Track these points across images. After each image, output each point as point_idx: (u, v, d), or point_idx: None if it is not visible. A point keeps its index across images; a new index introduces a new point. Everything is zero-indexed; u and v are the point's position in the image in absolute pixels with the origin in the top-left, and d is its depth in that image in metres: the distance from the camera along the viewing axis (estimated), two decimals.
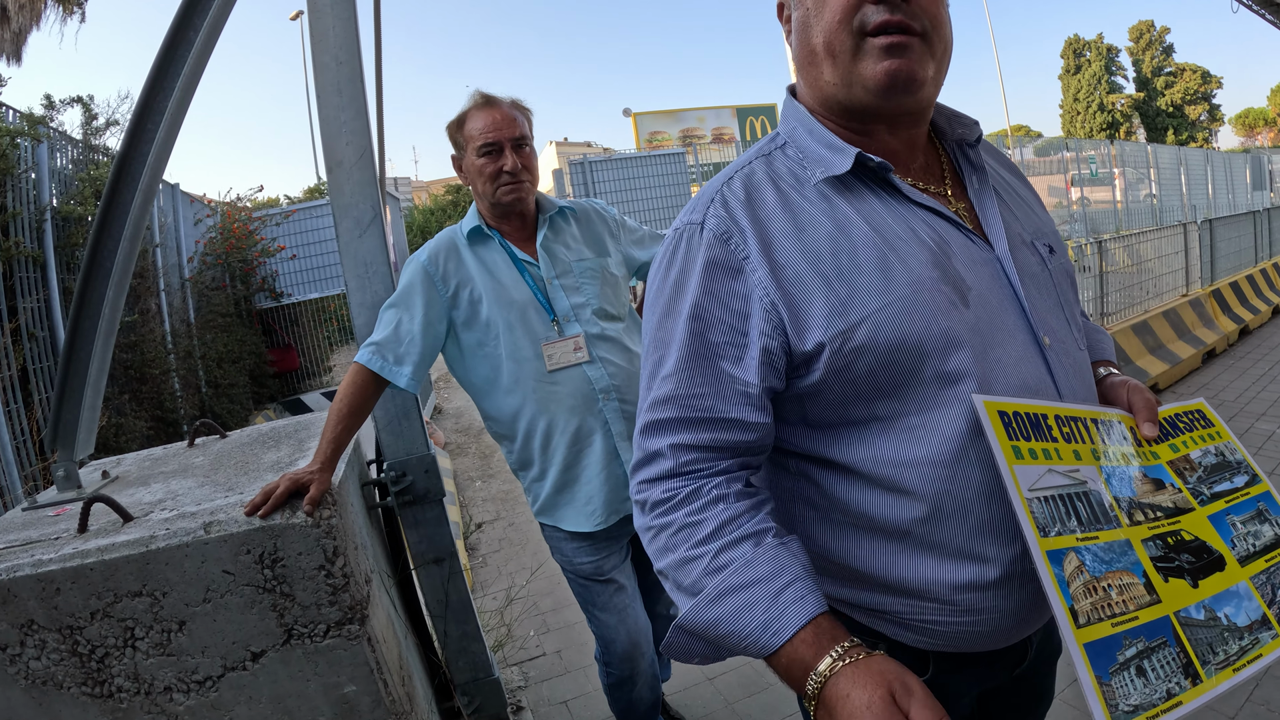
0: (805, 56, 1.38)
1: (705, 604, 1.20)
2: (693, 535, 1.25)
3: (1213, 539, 1.30)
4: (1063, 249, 1.56)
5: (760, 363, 1.28)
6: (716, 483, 1.29)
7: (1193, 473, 1.39)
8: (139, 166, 2.67)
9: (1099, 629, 1.09)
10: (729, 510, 1.26)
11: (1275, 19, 11.93)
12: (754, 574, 1.19)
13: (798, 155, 1.41)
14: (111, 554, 2.01)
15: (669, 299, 1.35)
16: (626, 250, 2.92)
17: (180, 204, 9.65)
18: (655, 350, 1.36)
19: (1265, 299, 12.37)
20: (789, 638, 1.14)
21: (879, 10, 1.25)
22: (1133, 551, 1.20)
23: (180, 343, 8.46)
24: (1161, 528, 1.27)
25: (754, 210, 1.33)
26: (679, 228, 1.39)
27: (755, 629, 1.16)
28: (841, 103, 1.36)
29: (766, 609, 1.16)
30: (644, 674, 2.92)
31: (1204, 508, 1.34)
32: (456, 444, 9.30)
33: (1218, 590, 1.23)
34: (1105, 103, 67.97)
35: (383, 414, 2.93)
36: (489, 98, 2.66)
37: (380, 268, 2.87)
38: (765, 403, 1.32)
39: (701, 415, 1.30)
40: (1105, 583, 1.14)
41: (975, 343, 1.27)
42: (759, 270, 1.28)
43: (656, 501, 1.31)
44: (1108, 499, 1.24)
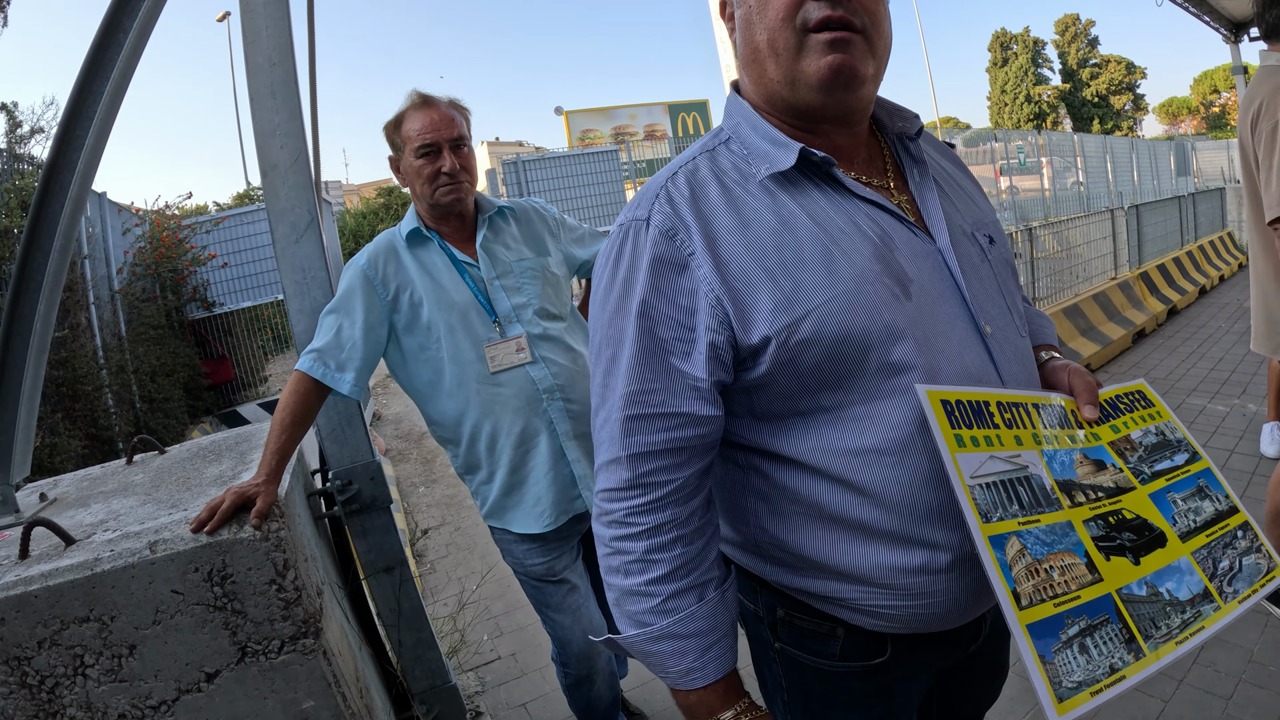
0: (749, 54, 1.39)
1: (646, 640, 1.36)
2: (648, 571, 1.35)
3: (1154, 516, 1.34)
4: (1003, 239, 1.59)
5: (708, 358, 1.29)
6: (673, 515, 1.35)
7: (1134, 452, 1.43)
8: (68, 175, 2.61)
9: (1041, 610, 1.13)
10: (684, 555, 1.36)
11: (1198, 11, 12.18)
12: (693, 628, 1.35)
13: (742, 151, 1.42)
14: (56, 579, 1.96)
15: (618, 297, 1.35)
16: (567, 249, 2.91)
17: (108, 213, 9.44)
18: (607, 348, 1.36)
19: (1192, 280, 12.68)
20: (705, 686, 1.36)
21: (820, 7, 1.26)
22: (1074, 532, 1.24)
23: (112, 357, 8.26)
24: (1103, 508, 1.30)
25: (698, 206, 1.34)
26: (624, 224, 1.39)
27: (681, 670, 1.36)
28: (786, 99, 1.37)
29: (695, 659, 1.36)
30: (601, 672, 2.91)
31: (1145, 486, 1.38)
32: (398, 450, 9.21)
33: (1159, 566, 1.27)
34: (1032, 94, 69.29)
35: (325, 422, 2.89)
36: (426, 98, 2.62)
37: (318, 273, 2.83)
38: (715, 396, 1.34)
39: (655, 411, 1.31)
40: (1047, 564, 1.17)
41: (918, 334, 1.29)
42: (704, 266, 1.28)
43: (618, 521, 1.37)
44: (1049, 482, 1.28)
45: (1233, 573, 1.33)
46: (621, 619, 1.40)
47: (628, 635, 1.38)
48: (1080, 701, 1.09)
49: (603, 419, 1.37)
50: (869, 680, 1.49)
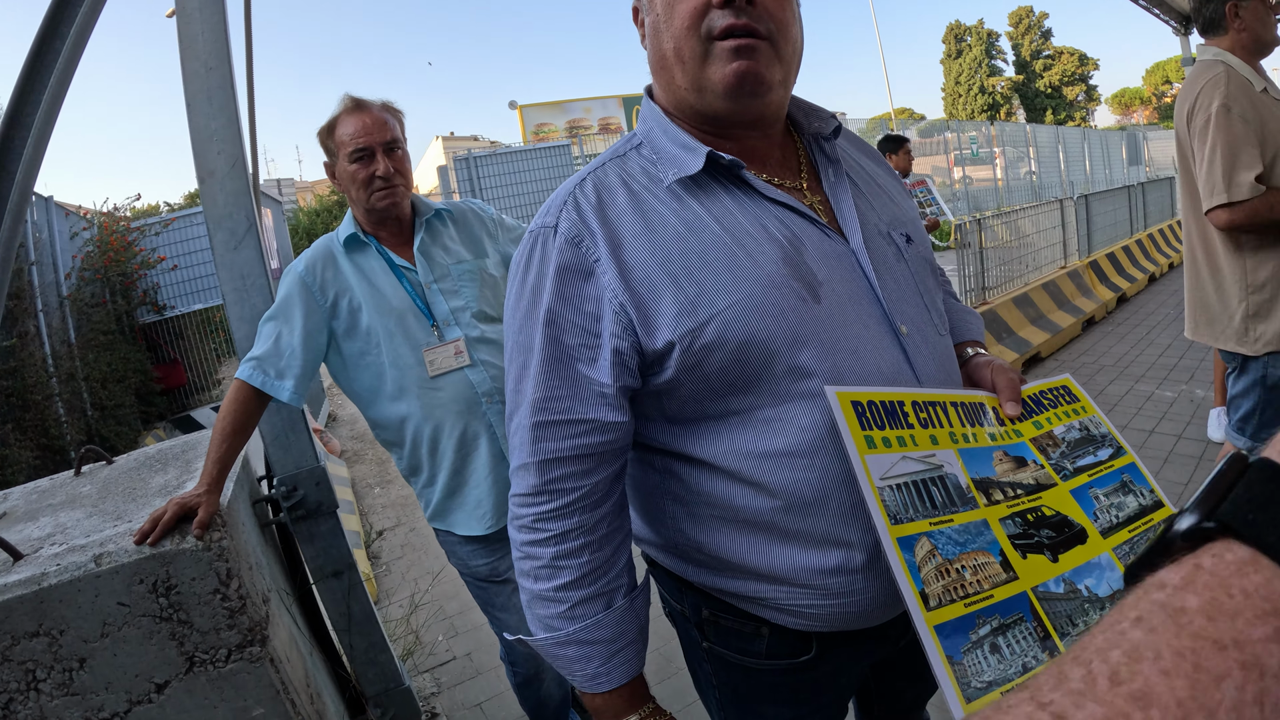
0: (658, 61, 1.40)
1: (553, 645, 1.41)
2: (555, 577, 1.39)
3: (1075, 513, 1.33)
4: (922, 237, 1.59)
5: (613, 364, 1.30)
6: (580, 522, 1.38)
7: (1055, 448, 1.42)
8: (7, 185, 2.59)
9: (950, 610, 1.12)
10: (591, 562, 1.39)
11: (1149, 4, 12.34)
12: (599, 635, 1.40)
13: (652, 155, 1.43)
14: (5, 595, 1.96)
15: (528, 305, 1.36)
16: (505, 249, 2.91)
17: (55, 218, 9.29)
18: (518, 355, 1.38)
19: (1141, 268, 12.84)
20: (610, 690, 1.42)
21: (724, 15, 1.27)
22: (989, 531, 1.23)
23: (62, 365, 8.15)
24: (1021, 505, 1.29)
25: (604, 212, 1.35)
26: (534, 231, 1.40)
27: (588, 674, 1.41)
28: (694, 106, 1.38)
29: (600, 664, 1.41)
30: (550, 670, 2.94)
31: (1066, 482, 1.37)
32: (353, 451, 9.15)
33: (1078, 563, 1.26)
34: (986, 85, 69.86)
35: (269, 428, 2.89)
36: (359, 101, 2.62)
37: (258, 279, 2.82)
38: (622, 402, 1.35)
39: (560, 418, 1.33)
40: (959, 564, 1.16)
41: (826, 336, 1.30)
42: (608, 272, 1.29)
43: (528, 526, 1.40)
44: (965, 481, 1.27)
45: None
46: (532, 621, 1.44)
47: (537, 638, 1.42)
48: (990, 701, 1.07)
49: (515, 425, 1.38)
50: (796, 676, 1.50)
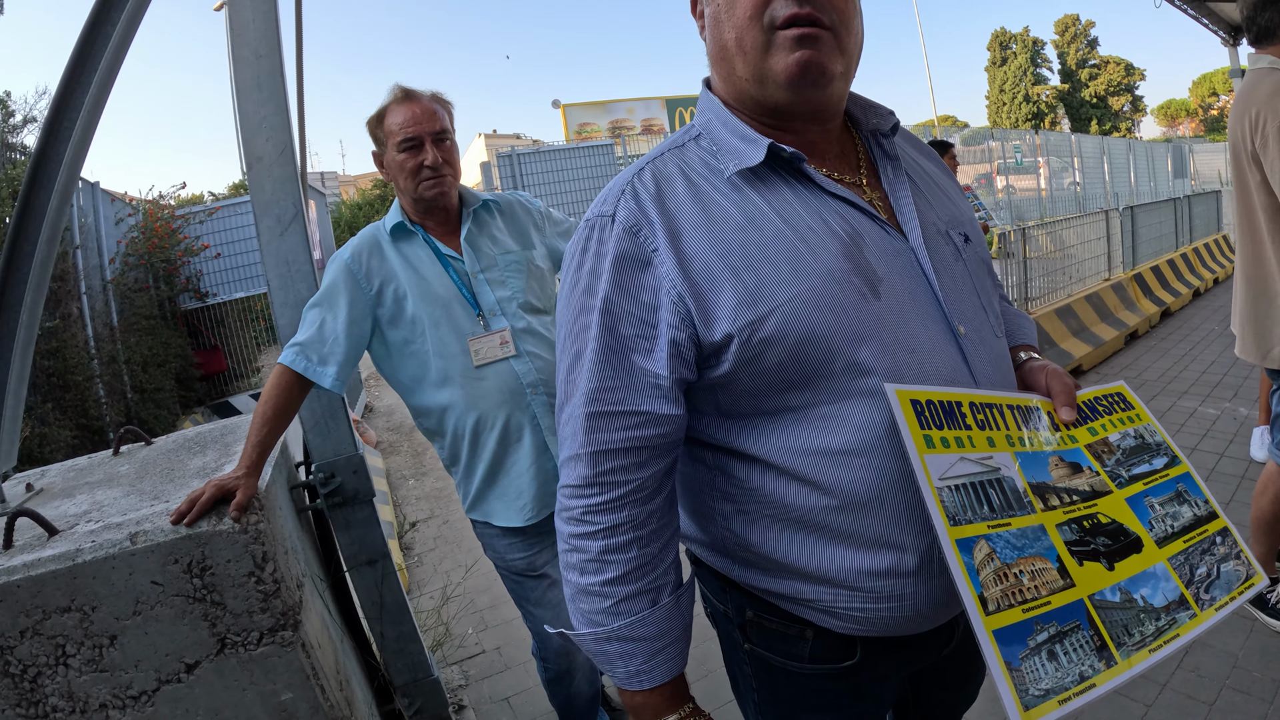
0: (718, 52, 1.39)
1: (596, 640, 1.39)
2: (602, 571, 1.36)
3: (1130, 521, 1.31)
4: (979, 238, 1.58)
5: (669, 355, 1.29)
6: (630, 516, 1.36)
7: (1111, 455, 1.40)
8: (55, 166, 2.61)
9: (1009, 615, 1.10)
10: (639, 558, 1.37)
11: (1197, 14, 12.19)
12: (643, 632, 1.38)
13: (711, 147, 1.42)
14: (38, 569, 1.97)
15: (583, 293, 1.35)
16: (551, 242, 2.91)
17: (101, 203, 9.42)
18: (571, 344, 1.36)
19: (1186, 282, 12.68)
20: (651, 689, 1.40)
21: (787, 4, 1.25)
22: (1046, 537, 1.21)
23: (104, 347, 8.26)
24: (1077, 511, 1.28)
25: (663, 202, 1.33)
26: (590, 219, 1.39)
27: (629, 671, 1.39)
28: (754, 97, 1.37)
29: (643, 661, 1.38)
30: (581, 667, 2.92)
31: (1122, 490, 1.36)
32: (388, 442, 9.20)
33: (1134, 572, 1.24)
34: (1030, 94, 69.31)
35: (309, 415, 2.89)
36: (408, 91, 2.62)
37: (303, 266, 2.83)
38: (677, 395, 1.33)
39: (614, 409, 1.31)
40: (1017, 569, 1.15)
41: (886, 334, 1.28)
42: (667, 262, 1.28)
43: (576, 519, 1.38)
44: (1021, 485, 1.26)
45: (1210, 579, 1.31)
46: (575, 615, 1.42)
47: (580, 632, 1.40)
48: (1047, 710, 1.07)
49: (566, 415, 1.36)
50: (839, 682, 1.48)
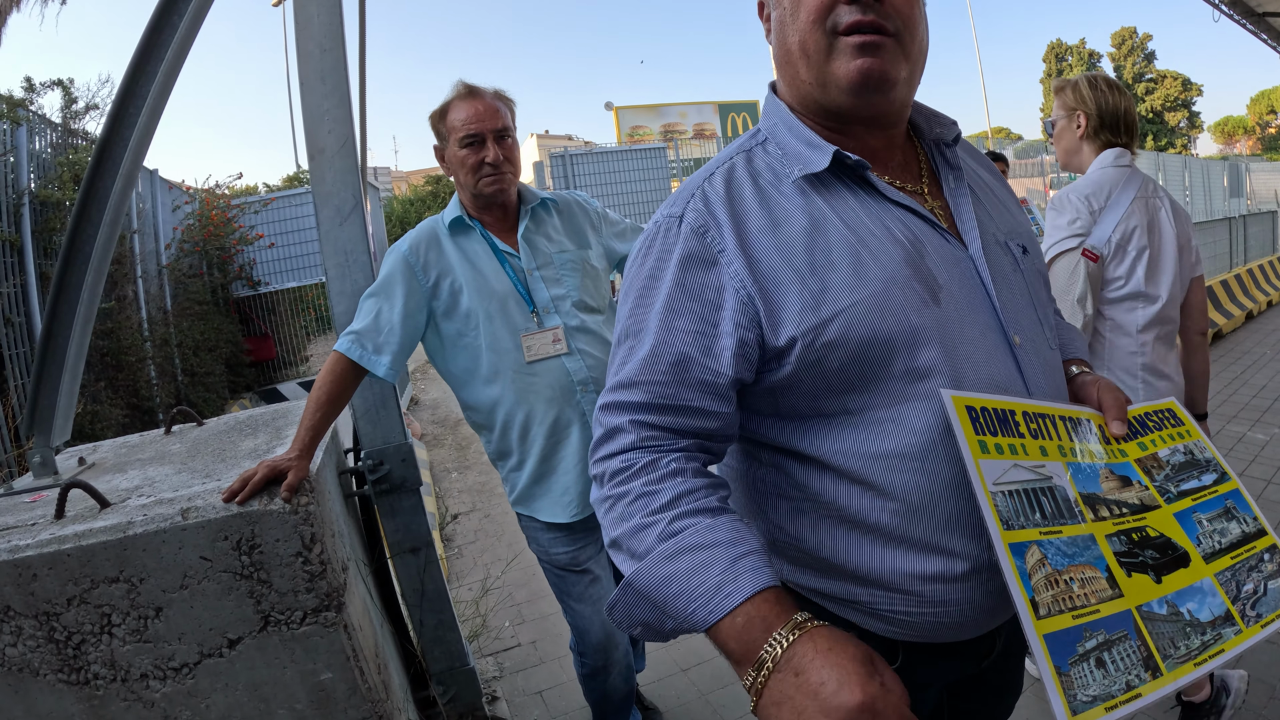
0: (782, 56, 1.40)
1: (659, 560, 1.16)
2: (649, 504, 1.23)
3: (1178, 536, 1.31)
4: (1037, 250, 1.58)
5: (734, 354, 1.29)
6: (675, 456, 1.28)
7: (1160, 471, 1.40)
8: (120, 151, 2.66)
9: (1059, 620, 1.10)
10: (686, 484, 1.24)
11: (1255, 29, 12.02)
12: (714, 537, 1.16)
13: (777, 152, 1.42)
14: (89, 540, 2.01)
15: (643, 288, 1.35)
16: (608, 243, 2.92)
17: (159, 190, 9.59)
18: (628, 338, 1.36)
19: (1239, 304, 12.47)
20: (743, 600, 1.09)
21: (851, 10, 1.26)
22: (1096, 546, 1.21)
23: (157, 330, 8.41)
24: (1126, 524, 1.27)
25: (732, 205, 1.34)
26: (658, 220, 1.39)
27: (708, 589, 1.11)
28: (818, 102, 1.37)
29: (723, 571, 1.12)
30: (618, 664, 2.93)
31: (1170, 505, 1.35)
32: (433, 435, 9.28)
33: (1181, 586, 1.24)
34: None
35: (360, 403, 2.94)
36: (472, 88, 2.65)
37: (360, 256, 2.88)
38: (730, 394, 1.33)
39: (665, 402, 1.30)
40: (1067, 576, 1.14)
41: (945, 340, 1.29)
42: (735, 263, 1.29)
43: (614, 471, 1.29)
44: (1072, 494, 1.25)
45: (1256, 596, 1.30)
46: (630, 565, 1.22)
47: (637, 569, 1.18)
48: (1095, 715, 1.07)
49: (612, 399, 1.35)
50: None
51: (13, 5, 10.89)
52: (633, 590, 1.19)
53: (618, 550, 1.27)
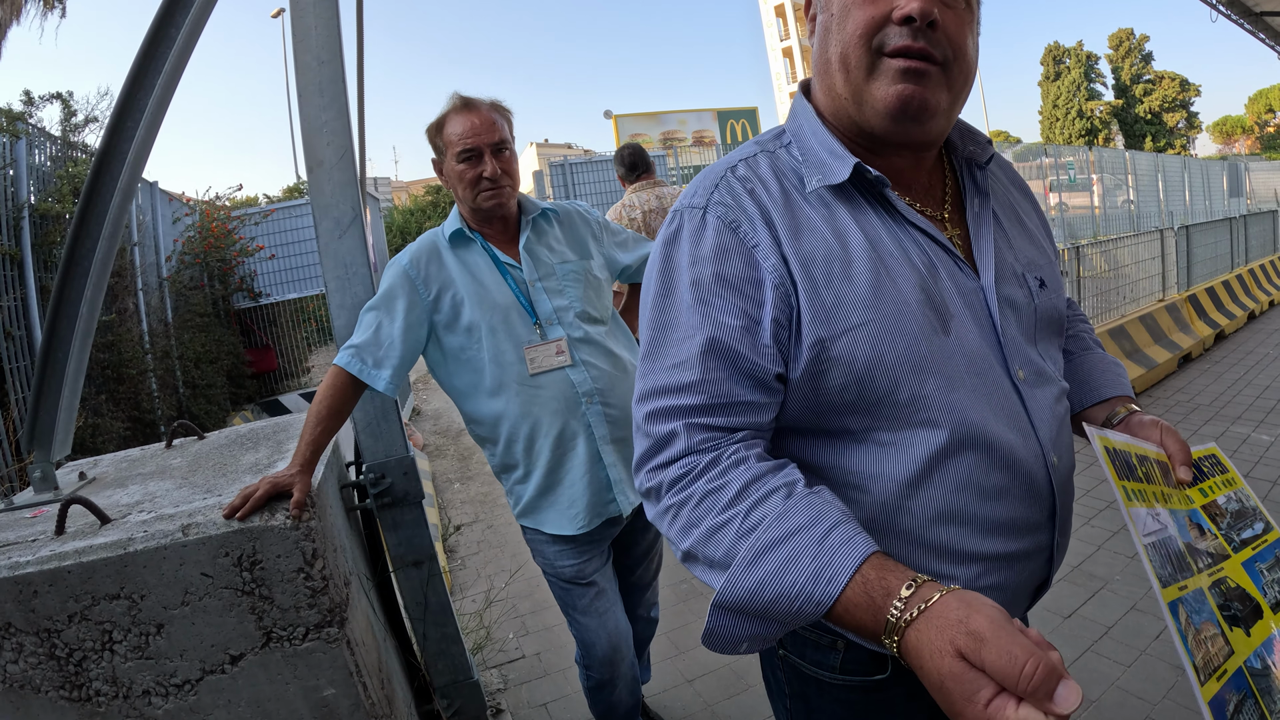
0: (822, 64, 1.37)
1: (742, 570, 1.09)
2: (717, 502, 1.17)
3: (1249, 586, 1.26)
4: (1056, 283, 1.53)
5: (775, 349, 1.26)
6: (735, 447, 1.23)
7: (1222, 519, 1.35)
8: (119, 165, 2.65)
9: (1211, 686, 1.04)
10: (751, 470, 1.19)
11: (1253, 28, 12.04)
12: (792, 524, 1.10)
13: (800, 156, 1.40)
14: (89, 556, 2.00)
15: (673, 284, 1.31)
16: (609, 253, 2.92)
17: (159, 202, 9.59)
18: (658, 331, 1.31)
19: (1241, 304, 12.47)
20: (848, 579, 1.03)
21: (902, 34, 1.23)
22: (1207, 601, 1.16)
23: (158, 342, 8.40)
24: (1216, 574, 1.22)
25: (758, 200, 1.32)
26: (680, 210, 1.37)
27: (806, 581, 1.05)
28: (851, 117, 1.35)
29: (814, 557, 1.06)
30: (624, 677, 2.92)
31: (1237, 554, 1.30)
32: (435, 446, 9.27)
33: (1264, 638, 1.20)
34: (1084, 109, 68.45)
35: (362, 416, 2.93)
36: (468, 101, 2.64)
37: (360, 269, 2.87)
38: (778, 386, 1.29)
39: (719, 400, 1.26)
40: (1203, 634, 1.09)
41: (950, 370, 1.27)
42: (771, 257, 1.26)
43: (674, 479, 1.24)
44: (1180, 545, 1.20)
45: None
46: (713, 577, 1.16)
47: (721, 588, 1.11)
48: None
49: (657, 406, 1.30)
50: (868, 696, 1.46)
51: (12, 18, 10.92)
52: (725, 611, 1.12)
53: (694, 563, 1.21)
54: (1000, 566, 1.33)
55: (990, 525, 1.30)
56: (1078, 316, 1.82)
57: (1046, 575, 1.44)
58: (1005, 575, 1.34)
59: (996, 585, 1.33)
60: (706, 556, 1.17)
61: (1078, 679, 3.50)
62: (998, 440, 1.29)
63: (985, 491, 1.29)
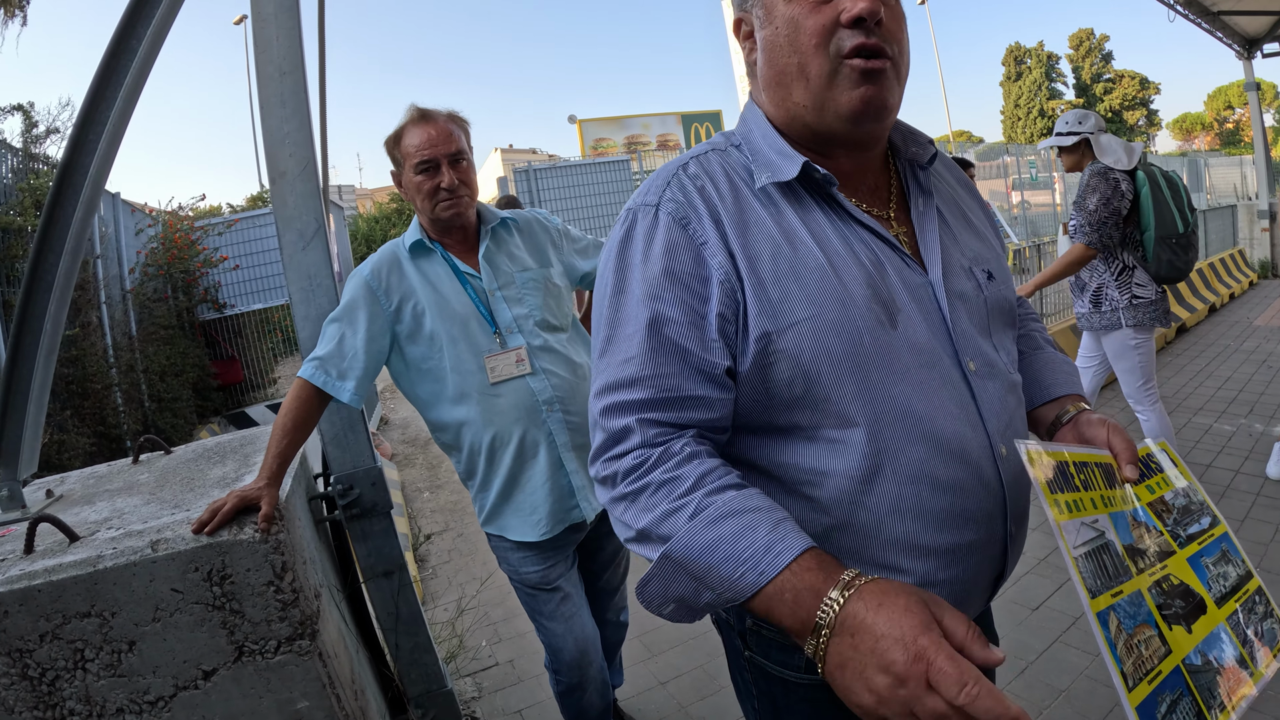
0: (774, 77, 1.39)
1: (703, 525, 1.15)
2: (674, 489, 1.21)
3: (1194, 582, 1.29)
4: (1004, 275, 1.57)
5: (723, 344, 1.29)
6: (686, 443, 1.27)
7: (1169, 515, 1.38)
8: (81, 178, 2.65)
9: (1141, 690, 1.07)
10: (705, 465, 1.24)
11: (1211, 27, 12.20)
12: (753, 503, 1.17)
13: (749, 157, 1.43)
14: (59, 575, 1.99)
15: (625, 280, 1.34)
16: (569, 260, 2.94)
17: (122, 214, 9.52)
18: (612, 328, 1.34)
19: (1202, 298, 12.64)
20: (795, 558, 1.09)
21: (854, 34, 1.26)
22: (1144, 602, 1.19)
23: (122, 356, 8.33)
24: (1157, 573, 1.25)
25: (708, 197, 1.34)
26: (633, 208, 1.39)
27: (758, 549, 1.11)
28: (809, 125, 1.37)
29: (770, 531, 1.12)
30: (593, 680, 2.93)
31: (1182, 550, 1.33)
32: (404, 455, 9.24)
33: (1205, 634, 1.22)
34: (1046, 108, 69.01)
35: (328, 427, 2.93)
36: (425, 112, 2.65)
37: (324, 280, 2.87)
38: (727, 381, 1.32)
39: (668, 395, 1.29)
40: (1136, 638, 1.12)
41: (897, 363, 1.29)
42: (718, 254, 1.29)
43: (629, 469, 1.27)
44: (1119, 548, 1.22)
45: (1258, 638, 1.30)
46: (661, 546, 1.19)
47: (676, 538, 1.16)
48: None
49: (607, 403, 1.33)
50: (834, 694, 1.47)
51: None
52: (670, 562, 1.17)
53: (646, 541, 1.25)
54: (957, 559, 1.34)
55: (945, 517, 1.32)
56: (1029, 315, 1.85)
57: (1003, 567, 1.46)
58: (962, 567, 1.35)
59: (954, 578, 1.35)
60: (660, 534, 1.21)
61: (1047, 670, 3.56)
62: (946, 432, 1.31)
63: (938, 484, 1.31)
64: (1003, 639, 2.01)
